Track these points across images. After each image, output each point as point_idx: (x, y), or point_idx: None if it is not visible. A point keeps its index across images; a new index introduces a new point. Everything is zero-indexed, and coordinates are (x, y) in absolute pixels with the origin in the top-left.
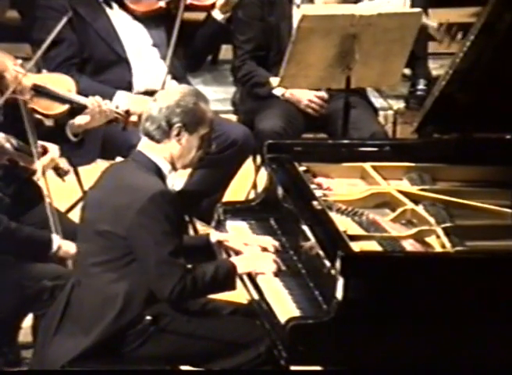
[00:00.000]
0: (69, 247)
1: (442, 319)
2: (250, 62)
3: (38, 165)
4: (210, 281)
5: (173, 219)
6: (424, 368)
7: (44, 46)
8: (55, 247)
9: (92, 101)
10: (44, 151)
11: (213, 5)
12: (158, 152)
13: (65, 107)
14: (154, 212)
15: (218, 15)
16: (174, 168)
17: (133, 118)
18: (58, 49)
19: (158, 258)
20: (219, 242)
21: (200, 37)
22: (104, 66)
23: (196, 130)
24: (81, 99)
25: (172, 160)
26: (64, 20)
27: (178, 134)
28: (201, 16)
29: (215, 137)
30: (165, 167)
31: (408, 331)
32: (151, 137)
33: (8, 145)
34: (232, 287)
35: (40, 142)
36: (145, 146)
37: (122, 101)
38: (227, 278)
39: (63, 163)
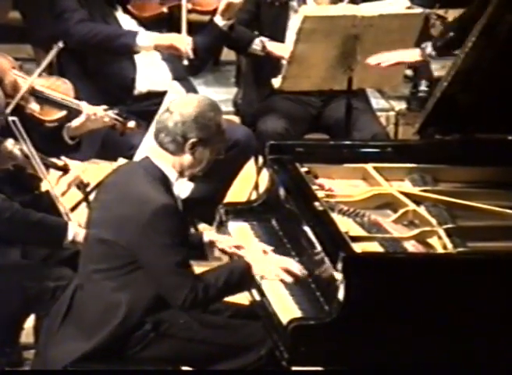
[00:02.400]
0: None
1: (444, 320)
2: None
3: (62, 182)
4: (223, 286)
5: (177, 230)
6: (426, 369)
7: (44, 64)
8: (70, 235)
9: (89, 107)
10: (65, 168)
11: (215, 11)
12: (168, 161)
13: (63, 113)
14: (157, 225)
15: (219, 21)
16: (182, 176)
17: (131, 124)
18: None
19: (166, 270)
20: (211, 242)
21: (201, 41)
22: (109, 58)
23: (211, 144)
24: (79, 104)
25: (181, 169)
26: (55, 50)
27: (192, 148)
28: (206, 17)
29: None
30: (172, 175)
31: (409, 332)
32: (165, 149)
33: (17, 151)
34: (249, 287)
35: (63, 158)
36: (153, 153)
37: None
38: (242, 279)
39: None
